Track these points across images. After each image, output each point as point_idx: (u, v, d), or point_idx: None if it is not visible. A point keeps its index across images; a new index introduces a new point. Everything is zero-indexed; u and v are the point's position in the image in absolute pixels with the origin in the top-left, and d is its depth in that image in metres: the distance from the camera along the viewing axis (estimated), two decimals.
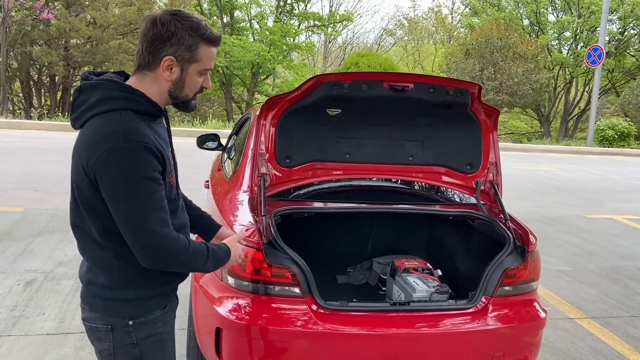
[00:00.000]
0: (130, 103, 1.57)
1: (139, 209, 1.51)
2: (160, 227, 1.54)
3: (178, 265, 1.63)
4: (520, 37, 20.17)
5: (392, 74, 2.69)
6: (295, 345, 2.39)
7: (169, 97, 1.65)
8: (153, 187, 1.53)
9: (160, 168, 1.56)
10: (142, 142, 1.50)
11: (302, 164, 2.85)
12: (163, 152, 1.58)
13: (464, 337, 2.49)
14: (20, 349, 3.26)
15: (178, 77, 1.61)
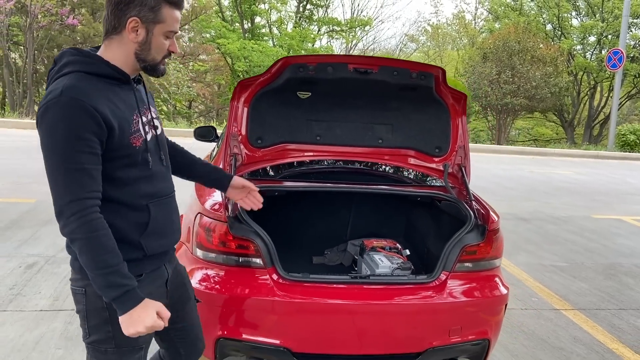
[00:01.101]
0: (86, 66, 1.59)
1: (57, 165, 1.50)
2: (75, 189, 1.50)
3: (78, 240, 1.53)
4: (539, 40, 19.98)
5: (357, 57, 2.80)
6: (258, 313, 2.50)
7: (136, 61, 1.66)
8: (78, 146, 1.50)
9: (99, 131, 1.53)
10: (77, 99, 1.50)
11: (274, 145, 2.97)
12: (108, 115, 1.55)
13: (421, 310, 2.57)
14: (14, 322, 3.44)
15: (144, 38, 1.63)
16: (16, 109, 17.66)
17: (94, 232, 1.52)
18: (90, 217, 1.53)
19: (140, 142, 1.68)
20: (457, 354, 2.68)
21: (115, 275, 1.54)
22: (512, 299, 4.39)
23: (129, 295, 1.56)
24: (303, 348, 2.51)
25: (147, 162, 1.71)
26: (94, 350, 1.72)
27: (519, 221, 7.34)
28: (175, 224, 1.88)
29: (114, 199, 1.64)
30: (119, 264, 1.56)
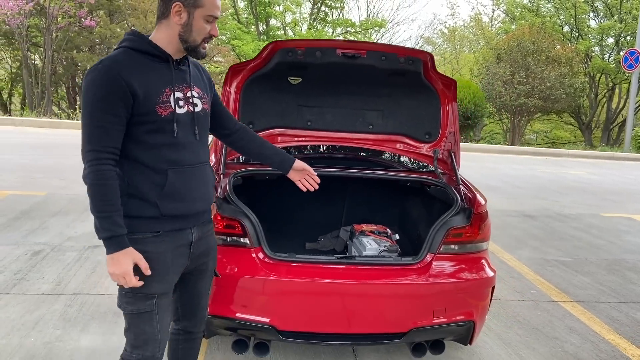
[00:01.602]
0: (132, 43, 1.85)
1: (85, 120, 1.76)
2: (94, 141, 1.75)
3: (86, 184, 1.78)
4: (555, 41, 19.78)
5: (345, 42, 2.83)
6: (244, 292, 2.55)
7: (180, 42, 1.86)
8: (103, 107, 1.74)
9: (122, 95, 1.75)
10: (111, 68, 1.75)
11: (265, 130, 3.02)
12: (134, 84, 1.76)
13: (406, 291, 2.60)
14: (16, 304, 3.54)
15: (186, 21, 1.84)
16: (34, 109, 18.01)
17: (100, 180, 1.75)
18: (101, 167, 1.76)
19: (167, 112, 1.85)
20: (442, 335, 2.70)
21: (108, 220, 1.77)
22: (510, 290, 4.40)
23: (114, 240, 1.79)
24: (288, 326, 2.56)
25: (172, 131, 1.87)
26: (119, 293, 1.95)
27: (525, 218, 7.30)
28: (198, 192, 1.98)
29: (138, 160, 1.85)
30: (114, 212, 1.77)
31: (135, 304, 1.92)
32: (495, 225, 6.59)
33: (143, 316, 1.93)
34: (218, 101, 2.19)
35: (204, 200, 2.02)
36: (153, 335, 1.96)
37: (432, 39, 38.81)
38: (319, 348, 3.16)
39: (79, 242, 4.91)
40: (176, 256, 1.96)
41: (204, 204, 2.03)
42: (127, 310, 1.94)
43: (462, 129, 18.80)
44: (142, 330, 1.95)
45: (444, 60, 38.55)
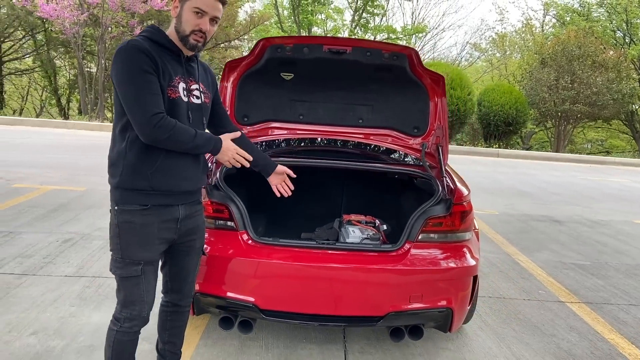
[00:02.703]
0: (151, 34, 2.08)
1: (134, 92, 1.95)
2: (151, 106, 1.95)
3: (168, 138, 1.99)
4: (604, 46, 19.14)
5: (331, 38, 2.97)
6: (230, 271, 2.73)
7: (176, 33, 2.08)
8: (145, 76, 1.96)
9: (152, 65, 1.98)
10: (136, 45, 1.97)
11: (259, 123, 3.20)
12: (156, 60, 1.99)
13: (383, 276, 2.70)
14: (39, 284, 3.86)
15: (179, 12, 2.07)
16: (88, 113, 18.99)
17: (172, 129, 1.99)
18: (167, 120, 1.98)
19: (175, 96, 2.09)
20: (419, 320, 2.78)
21: (198, 138, 2.06)
22: (517, 290, 4.39)
23: (216, 141, 2.14)
24: (270, 305, 2.72)
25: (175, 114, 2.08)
26: (111, 257, 2.19)
27: (552, 223, 7.18)
28: (188, 172, 2.18)
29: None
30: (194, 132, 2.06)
31: (124, 269, 2.14)
32: (518, 229, 6.57)
33: (131, 280, 2.15)
34: (219, 102, 2.43)
35: (192, 180, 2.22)
36: (140, 297, 2.19)
37: (479, 44, 38.20)
38: (309, 333, 3.30)
39: (107, 232, 5.22)
40: (162, 230, 2.17)
41: (191, 184, 2.22)
42: (118, 274, 2.16)
43: (503, 135, 18.48)
44: (130, 292, 2.17)
45: (491, 67, 37.87)
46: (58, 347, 2.97)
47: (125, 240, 2.11)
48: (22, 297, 3.59)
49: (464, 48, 38.96)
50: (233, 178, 3.26)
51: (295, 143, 3.31)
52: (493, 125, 18.21)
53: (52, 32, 20.34)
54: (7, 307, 3.43)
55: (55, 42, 21.08)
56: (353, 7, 27.02)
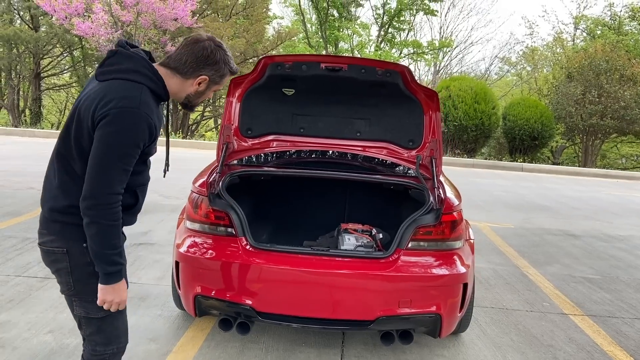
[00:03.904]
0: (151, 83, 1.92)
1: (112, 162, 1.81)
2: (118, 184, 1.83)
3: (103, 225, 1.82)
4: (630, 59, 18.82)
5: (328, 56, 3.15)
6: (229, 274, 2.90)
7: (184, 99, 2.06)
8: (133, 151, 1.85)
9: (147, 141, 1.90)
10: (148, 116, 1.84)
11: (262, 135, 3.39)
12: (157, 129, 1.92)
13: (373, 281, 2.83)
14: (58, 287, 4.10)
15: (202, 90, 2.05)
16: None
17: (116, 221, 1.85)
18: (117, 209, 1.85)
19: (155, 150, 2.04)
20: (409, 326, 2.89)
21: (119, 255, 1.89)
22: (520, 302, 4.44)
23: (121, 272, 1.91)
24: (266, 308, 2.87)
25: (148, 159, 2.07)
26: (80, 300, 1.99)
27: (568, 237, 7.15)
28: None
29: None
30: (121, 246, 1.91)
31: None
32: (531, 243, 6.58)
33: (116, 315, 2.03)
34: None
35: None
36: (124, 326, 2.11)
37: (509, 58, 37.92)
38: (308, 337, 3.44)
39: (128, 240, 5.47)
40: None
41: None
42: (100, 315, 1.99)
43: (529, 149, 18.32)
44: (116, 325, 2.06)
45: (520, 80, 37.52)
46: (72, 345, 3.18)
47: None
48: (43, 298, 3.84)
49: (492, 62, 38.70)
50: (240, 188, 3.45)
51: (299, 155, 3.47)
52: (518, 140, 18.10)
53: (88, 49, 21.14)
54: (28, 307, 3.68)
55: (91, 58, 21.90)
56: (379, 22, 27.32)
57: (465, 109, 17.17)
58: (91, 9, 15.98)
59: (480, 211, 8.23)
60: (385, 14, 27.26)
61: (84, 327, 2.04)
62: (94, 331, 2.03)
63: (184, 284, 3.00)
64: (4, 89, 22.74)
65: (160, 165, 2.47)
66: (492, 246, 6.26)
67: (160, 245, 5.31)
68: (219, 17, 21.87)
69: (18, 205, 6.64)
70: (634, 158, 31.89)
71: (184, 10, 18.14)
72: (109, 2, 16.29)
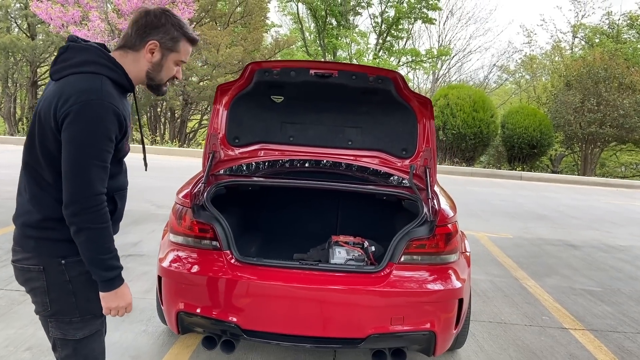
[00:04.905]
0: (110, 72, 1.78)
1: (87, 159, 1.68)
2: (98, 184, 1.71)
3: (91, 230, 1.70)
4: (629, 67, 18.77)
5: (317, 62, 3.03)
6: (213, 290, 2.77)
7: (146, 78, 1.88)
8: (107, 146, 1.71)
9: (119, 134, 1.76)
10: (113, 105, 1.70)
11: (249, 144, 3.26)
12: (127, 121, 1.78)
13: (364, 297, 2.70)
14: None
15: (158, 60, 1.86)
16: None
17: (105, 223, 1.73)
18: (104, 210, 1.73)
19: (128, 148, 1.90)
20: (402, 344, 2.75)
21: (115, 259, 1.78)
22: (519, 315, 4.30)
23: (120, 276, 1.81)
24: (252, 325, 2.73)
25: (122, 161, 1.94)
26: (57, 321, 1.86)
27: (567, 247, 7.02)
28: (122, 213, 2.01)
29: None
30: (116, 250, 1.79)
31: (86, 327, 1.89)
32: (530, 253, 6.45)
33: (94, 336, 1.92)
34: None
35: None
36: (101, 347, 2.00)
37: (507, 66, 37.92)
38: (299, 354, 3.30)
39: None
40: None
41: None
42: (78, 337, 1.88)
43: (527, 157, 18.22)
44: (92, 348, 1.94)
45: (519, 89, 37.51)
46: None
47: (83, 296, 1.84)
48: (23, 314, 3.69)
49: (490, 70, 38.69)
50: (227, 199, 3.32)
51: (288, 164, 3.36)
52: (517, 148, 18.00)
53: None
54: (8, 322, 3.54)
55: None
56: (377, 31, 27.31)
57: (464, 117, 17.09)
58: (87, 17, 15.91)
59: (479, 220, 8.10)
60: (383, 23, 27.26)
61: (59, 349, 1.91)
62: (69, 353, 1.90)
63: (166, 299, 2.87)
64: (0, 98, 22.66)
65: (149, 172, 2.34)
66: (490, 257, 6.12)
67: (150, 257, 5.17)
68: (217, 25, 21.83)
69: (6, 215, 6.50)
70: (633, 166, 31.80)
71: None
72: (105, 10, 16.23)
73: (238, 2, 21.82)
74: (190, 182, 3.16)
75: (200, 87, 20.73)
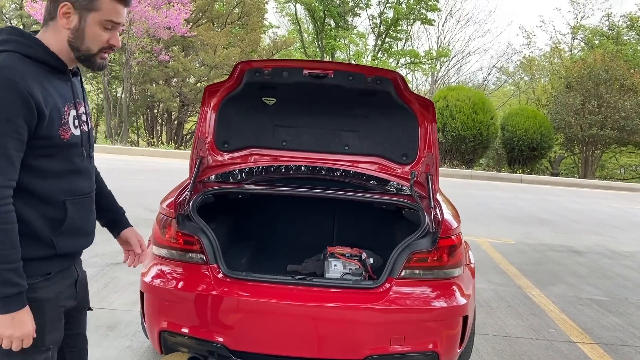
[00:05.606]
0: (23, 47, 1.53)
1: None
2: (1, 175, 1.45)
3: None
4: (629, 69, 18.62)
5: (311, 62, 2.84)
6: (198, 308, 2.56)
7: (70, 49, 1.60)
8: (6, 130, 1.44)
9: (30, 117, 1.48)
10: (12, 80, 1.45)
11: (240, 149, 3.06)
12: (41, 101, 1.50)
13: (362, 315, 2.50)
14: None
15: (76, 25, 1.56)
16: (113, 137, 19.33)
17: (5, 225, 1.46)
18: (5, 208, 1.46)
19: (68, 135, 1.61)
20: None
21: (14, 273, 1.47)
22: (525, 328, 4.10)
23: (20, 296, 1.49)
24: (240, 346, 2.53)
25: (70, 157, 1.64)
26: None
27: (571, 253, 6.82)
28: (91, 225, 1.77)
29: (29, 189, 1.54)
30: (19, 261, 1.49)
31: None
32: (534, 260, 6.25)
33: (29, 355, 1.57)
34: None
35: (92, 235, 1.79)
36: None
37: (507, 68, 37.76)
38: None
39: (103, 259, 5.13)
40: (66, 298, 1.71)
41: (92, 238, 1.79)
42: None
43: (528, 160, 18.05)
44: None
45: (518, 90, 37.35)
46: None
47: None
48: None
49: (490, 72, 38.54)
50: (216, 207, 3.12)
51: (281, 170, 3.16)
52: (517, 150, 17.83)
53: None
54: None
55: None
56: (376, 32, 27.14)
57: (463, 119, 16.91)
58: None
59: (479, 225, 7.90)
60: (382, 24, 27.10)
61: None
62: None
63: (149, 317, 2.67)
64: None
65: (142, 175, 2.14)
66: (493, 264, 5.92)
67: (139, 266, 4.95)
68: (214, 26, 21.65)
69: None
70: (632, 168, 31.66)
71: (177, 18, 17.89)
72: None
73: (235, 3, 21.65)
74: (175, 190, 2.96)
75: (197, 88, 20.54)
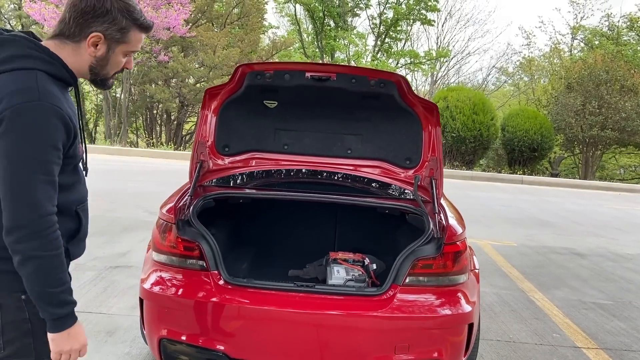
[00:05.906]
0: (46, 65, 1.50)
1: (29, 174, 1.41)
2: (46, 203, 1.44)
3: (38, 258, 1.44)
4: (630, 69, 18.58)
5: (314, 64, 2.80)
6: (199, 316, 2.51)
7: (89, 72, 1.61)
8: (52, 156, 1.44)
9: (66, 140, 1.49)
10: (56, 107, 1.44)
11: (240, 153, 3.01)
12: (74, 122, 1.51)
13: (365, 323, 2.45)
14: None
15: (103, 54, 1.57)
16: (112, 137, 19.27)
17: (57, 249, 1.47)
18: (55, 234, 1.47)
19: (81, 149, 1.65)
20: None
21: (67, 293, 1.51)
22: (528, 333, 4.06)
23: (73, 312, 1.53)
24: (241, 354, 2.48)
25: (77, 168, 1.67)
26: None
27: (573, 256, 6.78)
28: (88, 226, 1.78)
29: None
30: (69, 281, 1.53)
31: None
32: (536, 263, 6.20)
33: None
34: None
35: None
36: None
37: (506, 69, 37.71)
38: None
39: (102, 262, 5.08)
40: None
41: None
42: None
43: (528, 160, 18.01)
44: None
45: (518, 91, 37.30)
46: None
47: (41, 338, 1.55)
48: None
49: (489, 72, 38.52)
50: (217, 212, 3.07)
51: (283, 174, 3.11)
52: (517, 151, 17.79)
53: None
54: None
55: None
56: (376, 32, 27.11)
57: (464, 120, 16.86)
58: None
59: (480, 227, 7.86)
60: (381, 24, 27.06)
61: None
62: None
63: (148, 324, 2.62)
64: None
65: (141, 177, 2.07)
66: (495, 267, 5.88)
67: (138, 269, 4.87)
68: (214, 27, 21.59)
69: None
70: (632, 169, 31.62)
71: (177, 19, 17.81)
72: None
73: (235, 3, 21.60)
74: (175, 195, 2.91)
75: (197, 89, 20.49)
